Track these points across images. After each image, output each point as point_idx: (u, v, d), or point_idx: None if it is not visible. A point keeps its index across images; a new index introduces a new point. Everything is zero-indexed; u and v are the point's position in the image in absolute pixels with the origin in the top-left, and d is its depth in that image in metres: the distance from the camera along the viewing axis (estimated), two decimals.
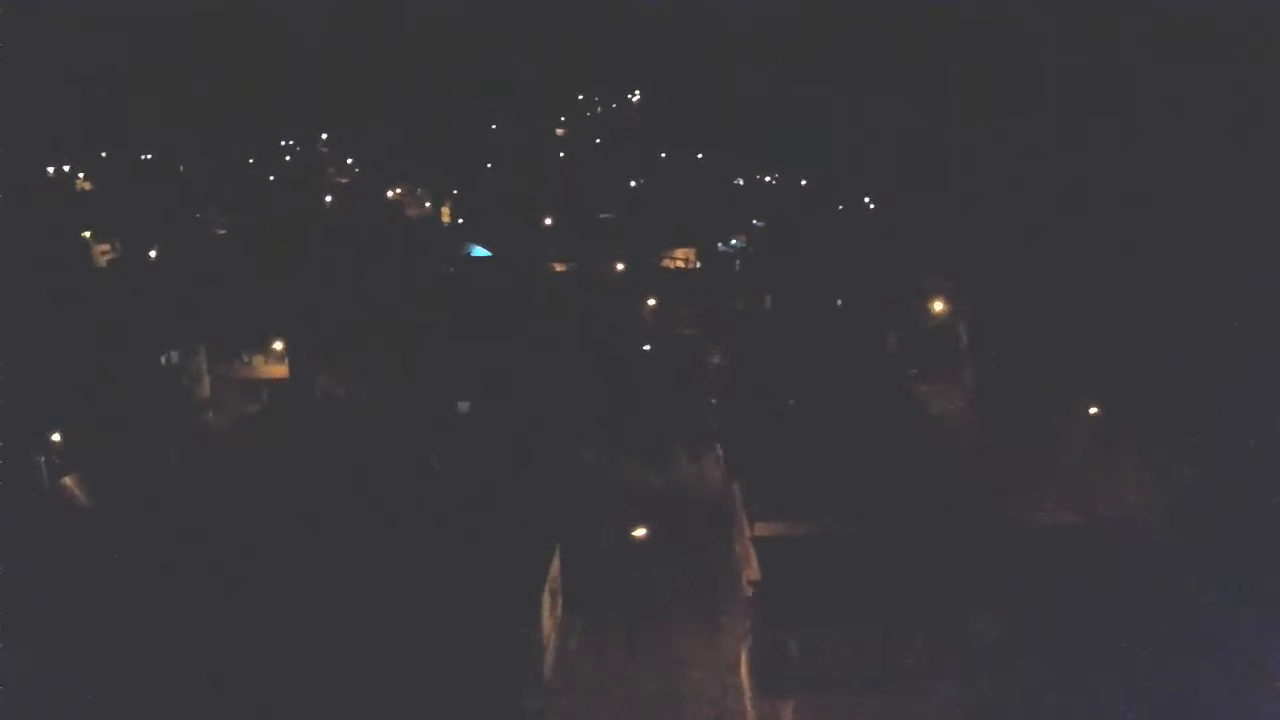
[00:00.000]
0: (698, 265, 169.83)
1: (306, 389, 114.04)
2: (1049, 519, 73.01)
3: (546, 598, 63.81)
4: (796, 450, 78.91)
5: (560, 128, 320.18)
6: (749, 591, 65.39)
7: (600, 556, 76.79)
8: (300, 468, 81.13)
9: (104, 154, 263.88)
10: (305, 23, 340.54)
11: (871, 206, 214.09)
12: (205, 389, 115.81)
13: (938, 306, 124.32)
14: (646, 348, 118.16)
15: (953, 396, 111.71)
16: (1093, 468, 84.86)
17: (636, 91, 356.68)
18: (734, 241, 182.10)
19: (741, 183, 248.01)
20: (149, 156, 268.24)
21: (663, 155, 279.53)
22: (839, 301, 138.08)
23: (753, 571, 63.80)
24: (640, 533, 72.63)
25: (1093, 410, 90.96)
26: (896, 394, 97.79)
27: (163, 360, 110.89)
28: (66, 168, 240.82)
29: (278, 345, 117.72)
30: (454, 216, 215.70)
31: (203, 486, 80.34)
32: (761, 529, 67.45)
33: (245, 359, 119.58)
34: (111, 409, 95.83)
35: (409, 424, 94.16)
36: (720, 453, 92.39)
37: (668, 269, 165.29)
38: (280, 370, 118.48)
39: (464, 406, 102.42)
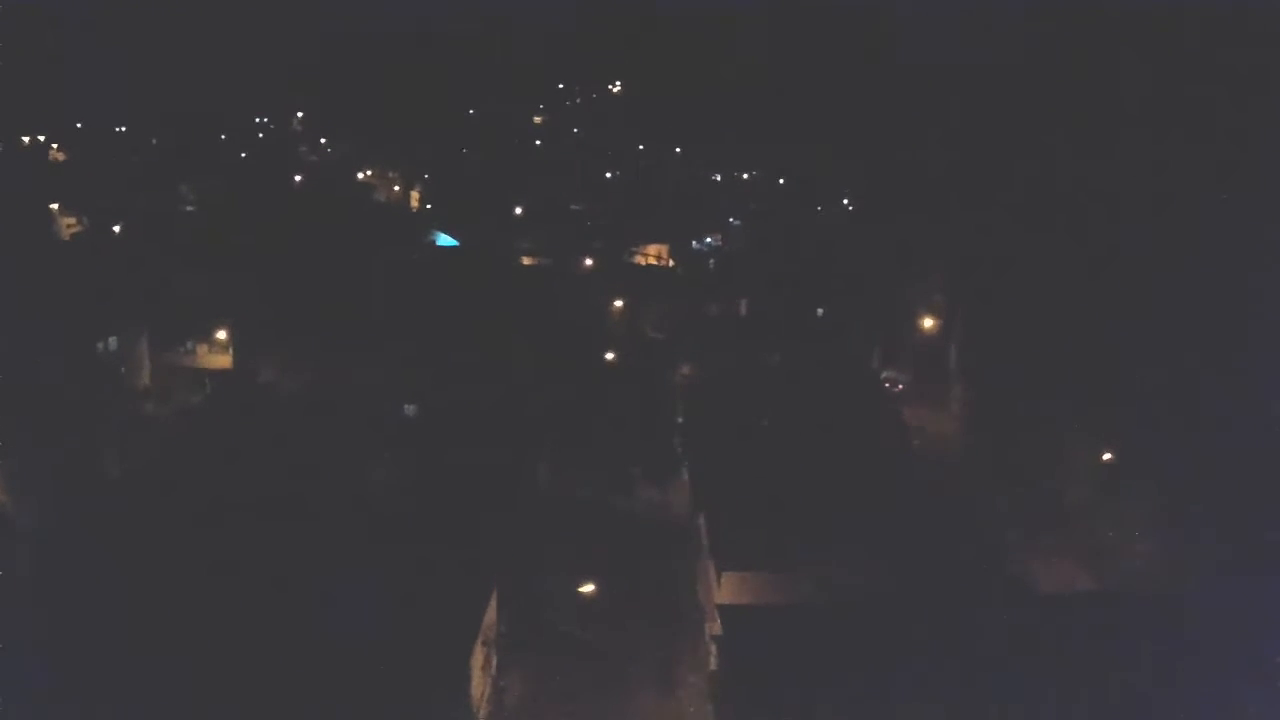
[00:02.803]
0: (670, 263, 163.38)
1: (249, 382, 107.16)
2: (1060, 580, 66.73)
3: (479, 651, 56.53)
4: (771, 481, 71.52)
5: (539, 115, 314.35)
6: (712, 649, 58.57)
7: (546, 598, 69.40)
8: (232, 475, 74.75)
9: (79, 125, 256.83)
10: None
11: (850, 208, 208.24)
12: (145, 378, 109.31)
13: (926, 322, 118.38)
14: (610, 356, 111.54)
15: (942, 420, 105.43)
16: (1100, 513, 78.09)
17: (618, 82, 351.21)
18: (709, 240, 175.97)
19: (719, 179, 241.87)
20: (123, 129, 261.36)
21: (640, 148, 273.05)
22: (819, 311, 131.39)
23: (716, 627, 56.87)
24: (593, 581, 65.84)
25: (1098, 445, 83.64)
26: (882, 418, 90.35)
27: (100, 346, 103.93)
28: (41, 137, 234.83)
29: (221, 335, 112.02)
30: (423, 202, 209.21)
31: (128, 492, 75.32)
32: (729, 583, 60.18)
33: (189, 347, 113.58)
34: (41, 399, 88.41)
35: (352, 427, 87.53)
36: (686, 478, 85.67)
37: (638, 265, 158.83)
38: (224, 360, 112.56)
39: (410, 410, 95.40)
